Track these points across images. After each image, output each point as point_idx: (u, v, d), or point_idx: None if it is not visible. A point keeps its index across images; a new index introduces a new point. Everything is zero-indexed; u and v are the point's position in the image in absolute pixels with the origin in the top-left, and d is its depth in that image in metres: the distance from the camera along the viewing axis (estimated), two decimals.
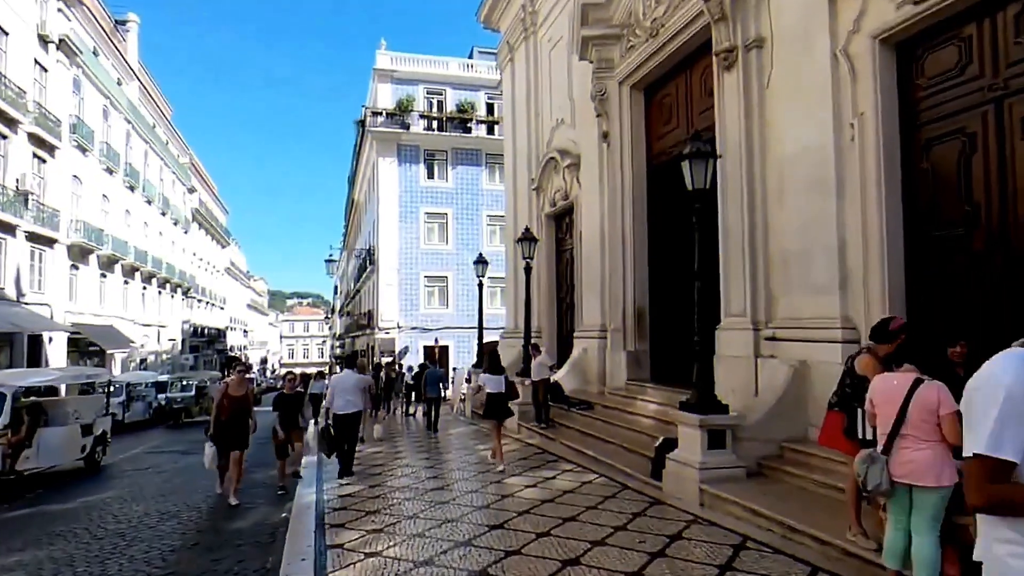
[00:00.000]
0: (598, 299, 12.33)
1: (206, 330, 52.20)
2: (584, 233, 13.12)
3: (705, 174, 6.56)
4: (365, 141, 32.72)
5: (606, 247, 12.17)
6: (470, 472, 8.52)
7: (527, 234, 12.30)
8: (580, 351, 12.57)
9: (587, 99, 12.51)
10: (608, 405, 10.63)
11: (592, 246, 12.62)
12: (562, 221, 15.25)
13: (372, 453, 10.47)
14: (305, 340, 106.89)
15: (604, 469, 7.98)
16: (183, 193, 46.40)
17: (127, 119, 32.77)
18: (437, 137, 30.57)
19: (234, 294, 68.30)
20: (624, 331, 11.38)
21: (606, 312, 12.12)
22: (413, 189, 30.25)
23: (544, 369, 11.17)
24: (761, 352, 7.64)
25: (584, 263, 13.14)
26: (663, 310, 11.36)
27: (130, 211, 33.28)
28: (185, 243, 45.92)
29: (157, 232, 38.47)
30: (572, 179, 13.92)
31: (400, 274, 29.65)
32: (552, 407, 11.62)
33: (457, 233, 30.65)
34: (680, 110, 10.52)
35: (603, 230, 12.26)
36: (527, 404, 11.83)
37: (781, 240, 7.55)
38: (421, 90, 31.15)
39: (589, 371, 12.32)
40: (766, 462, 6.55)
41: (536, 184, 15.73)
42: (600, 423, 10.04)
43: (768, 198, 7.74)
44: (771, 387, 6.98)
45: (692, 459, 6.30)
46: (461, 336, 30.05)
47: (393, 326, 29.22)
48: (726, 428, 6.36)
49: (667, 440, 7.22)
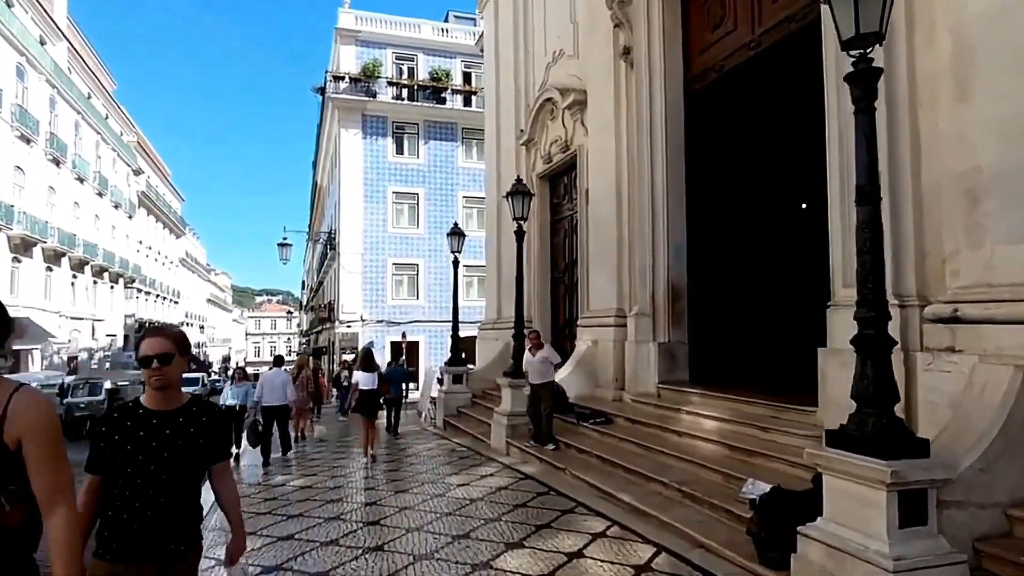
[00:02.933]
0: (613, 276, 9.26)
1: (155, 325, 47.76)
2: (592, 191, 10.04)
3: (883, 9, 3.48)
4: (327, 111, 29.13)
5: (625, 206, 9.10)
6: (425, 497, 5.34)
7: (519, 186, 9.17)
8: (587, 345, 9.49)
9: (597, 13, 9.43)
10: (636, 419, 7.54)
11: (604, 207, 9.55)
12: (559, 182, 12.13)
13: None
14: (272, 338, 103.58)
15: (659, 532, 4.89)
16: (127, 175, 42.03)
17: (51, 82, 28.64)
18: (407, 107, 27.17)
19: (191, 288, 63.71)
20: (654, 316, 8.31)
21: (625, 292, 9.06)
22: (380, 165, 26.81)
23: (548, 369, 8.06)
24: (926, 342, 4.62)
25: (592, 230, 10.06)
26: (707, 288, 8.35)
27: (55, 188, 29.15)
28: (129, 229, 41.59)
29: (92, 215, 34.27)
30: (575, 124, 10.82)
31: (364, 260, 26.21)
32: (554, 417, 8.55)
33: (429, 216, 27.32)
34: (739, 2, 7.48)
35: (619, 185, 9.19)
36: (518, 416, 8.69)
37: (961, 156, 4.53)
38: (390, 55, 27.70)
39: (601, 371, 9.24)
40: (986, 547, 3.53)
41: (526, 137, 12.58)
42: (629, 445, 6.95)
43: (936, 86, 4.72)
44: (977, 406, 3.95)
45: (869, 547, 3.24)
46: (433, 331, 26.76)
47: (356, 319, 25.78)
48: (929, 487, 3.31)
49: (778, 494, 4.17)
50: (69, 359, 30.89)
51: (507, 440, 8.60)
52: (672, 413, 7.24)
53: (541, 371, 8.00)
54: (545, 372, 8.00)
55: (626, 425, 7.55)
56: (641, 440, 6.85)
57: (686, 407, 7.11)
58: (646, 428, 7.21)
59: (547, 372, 8.02)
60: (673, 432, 6.71)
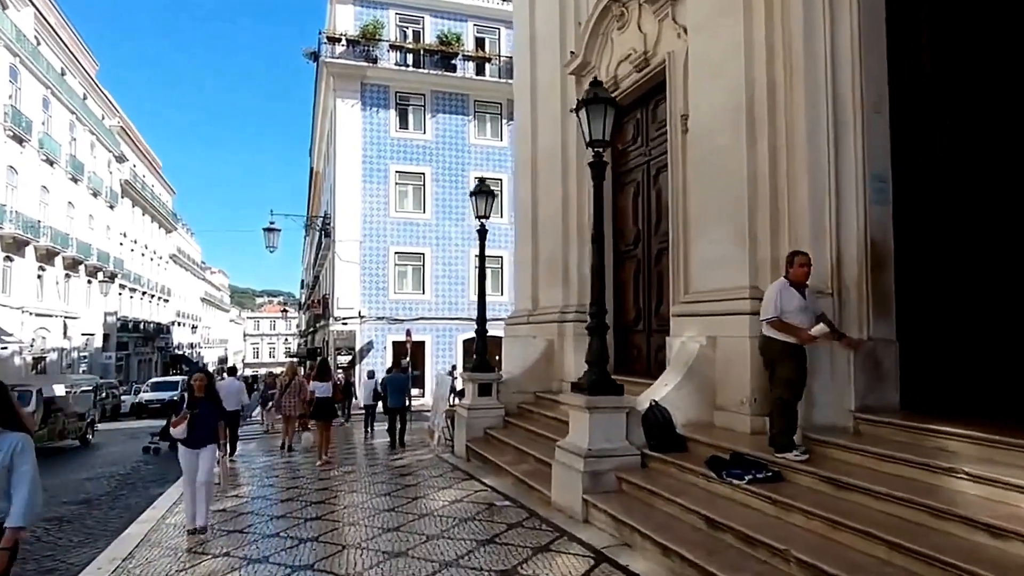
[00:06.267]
0: (740, 237, 5.94)
1: (142, 325, 44.58)
2: (697, 115, 6.71)
3: None
4: (321, 80, 25.83)
5: (762, 126, 5.79)
6: None
7: (598, 91, 5.80)
8: (697, 344, 6.13)
9: None
10: (836, 478, 4.17)
11: (721, 135, 6.23)
12: (627, 120, 8.73)
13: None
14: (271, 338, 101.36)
15: None
16: (109, 161, 38.77)
17: (11, 49, 25.41)
18: (412, 75, 23.87)
19: (184, 286, 60.45)
20: (839, 296, 5.01)
21: (763, 261, 5.76)
22: (381, 140, 23.51)
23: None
24: None
25: (695, 174, 6.74)
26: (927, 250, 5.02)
27: (16, 169, 25.90)
28: (110, 220, 38.32)
29: (64, 201, 31.01)
30: (660, 25, 7.51)
31: (363, 249, 22.90)
32: (656, 459, 5.26)
33: (437, 198, 24.01)
34: None
35: (752, 93, 5.88)
36: (606, 456, 5.37)
37: None
38: (392, 16, 24.40)
39: (724, 385, 5.91)
40: None
41: (578, 61, 9.23)
42: (844, 535, 3.62)
43: None
44: None
45: None
46: (441, 329, 23.49)
47: (353, 315, 22.46)
48: None
49: None
50: (35, 360, 27.67)
51: (585, 497, 5.28)
52: (912, 470, 3.90)
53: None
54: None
55: (819, 490, 4.21)
56: (866, 526, 3.52)
57: (941, 460, 3.77)
58: (866, 499, 3.87)
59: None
60: (945, 517, 3.37)
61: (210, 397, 5.94)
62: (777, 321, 4.85)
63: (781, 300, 4.83)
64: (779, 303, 4.84)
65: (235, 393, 10.81)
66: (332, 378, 11.35)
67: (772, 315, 4.97)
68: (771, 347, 4.89)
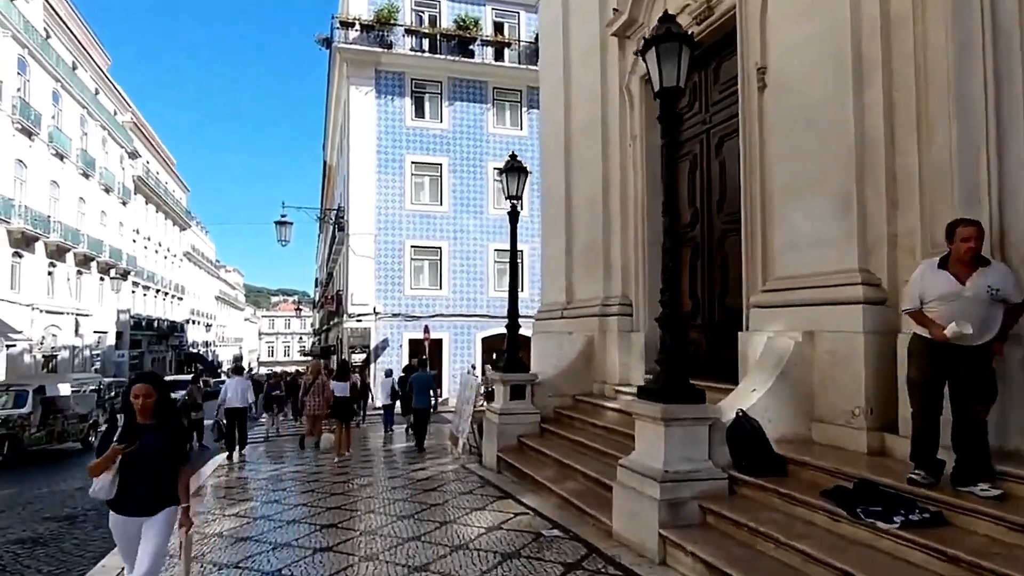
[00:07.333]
0: (844, 208, 4.82)
1: (156, 323, 44.13)
2: (779, 64, 5.57)
3: None
4: (334, 68, 24.89)
5: (874, 72, 4.66)
6: None
7: (671, 25, 4.71)
8: (792, 342, 5.00)
9: None
10: None
11: (812, 85, 5.11)
12: None
13: None
14: (286, 337, 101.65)
15: None
16: (121, 157, 38.23)
17: (19, 40, 24.79)
18: (428, 61, 22.85)
19: (198, 284, 60.11)
20: None
21: (876, 238, 4.64)
22: (396, 130, 22.52)
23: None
24: None
25: (779, 136, 5.61)
26: None
27: (25, 163, 25.30)
28: (123, 217, 37.81)
29: (75, 197, 30.44)
30: None
31: (378, 242, 21.94)
32: (748, 484, 4.17)
33: (455, 190, 22.99)
34: None
35: (861, 32, 4.75)
36: (691, 480, 4.30)
37: None
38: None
39: (826, 393, 4.79)
40: None
41: (624, 18, 8.09)
42: None
43: None
44: None
45: None
46: (460, 327, 22.47)
47: (368, 311, 21.49)
48: None
49: None
50: (46, 358, 27.13)
51: (662, 532, 4.19)
52: None
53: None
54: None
55: (1010, 541, 3.09)
56: None
57: None
58: None
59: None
60: None
61: (163, 423, 3.39)
62: (916, 313, 3.75)
63: (923, 285, 3.72)
64: (918, 289, 3.74)
65: (242, 392, 11.01)
66: (351, 378, 11.63)
67: (907, 306, 3.87)
68: (911, 344, 3.79)
